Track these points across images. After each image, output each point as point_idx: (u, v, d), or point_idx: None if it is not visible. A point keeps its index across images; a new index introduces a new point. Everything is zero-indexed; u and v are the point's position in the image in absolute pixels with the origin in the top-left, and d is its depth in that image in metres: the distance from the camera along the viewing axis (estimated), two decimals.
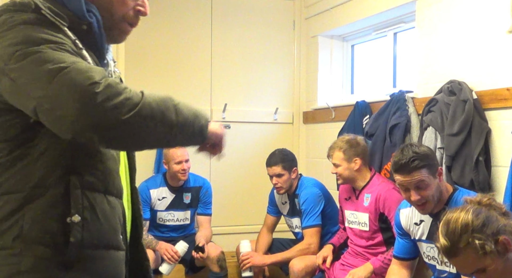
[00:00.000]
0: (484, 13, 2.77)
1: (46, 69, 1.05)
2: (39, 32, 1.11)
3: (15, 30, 1.11)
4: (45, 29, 1.12)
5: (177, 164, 3.55)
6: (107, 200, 1.22)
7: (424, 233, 2.45)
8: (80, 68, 1.06)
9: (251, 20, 4.36)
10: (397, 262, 2.61)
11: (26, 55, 1.07)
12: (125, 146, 1.19)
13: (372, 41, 4.09)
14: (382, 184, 2.98)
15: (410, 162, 2.26)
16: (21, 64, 1.07)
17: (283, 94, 4.48)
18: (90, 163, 1.18)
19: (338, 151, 3.03)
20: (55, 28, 1.15)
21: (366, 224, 2.99)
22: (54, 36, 1.13)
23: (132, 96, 1.08)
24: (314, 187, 3.41)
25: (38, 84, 1.05)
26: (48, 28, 1.14)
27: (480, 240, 1.59)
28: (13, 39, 1.10)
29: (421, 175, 2.26)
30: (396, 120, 3.14)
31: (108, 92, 1.05)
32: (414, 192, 2.28)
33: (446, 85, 2.85)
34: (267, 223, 3.69)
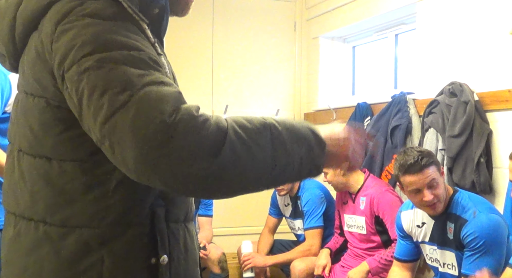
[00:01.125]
0: (485, 14, 2.77)
1: (108, 98, 0.82)
2: (113, 31, 0.87)
3: (83, 24, 0.87)
4: (122, 28, 0.89)
5: None
6: (187, 229, 1.02)
7: (426, 235, 2.44)
8: (149, 99, 0.81)
9: (252, 21, 4.37)
10: (398, 264, 2.61)
11: (89, 67, 0.84)
12: (208, 197, 0.99)
13: (373, 43, 4.09)
14: (375, 186, 2.97)
15: (419, 160, 2.23)
16: (79, 79, 0.84)
17: (284, 96, 4.48)
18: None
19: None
20: (133, 25, 0.92)
21: (364, 227, 2.99)
22: (132, 39, 0.88)
23: (211, 134, 0.82)
24: (316, 188, 3.41)
25: (96, 116, 0.83)
26: (126, 25, 0.90)
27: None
28: (78, 37, 0.86)
29: (431, 172, 2.24)
30: (397, 122, 3.14)
31: (180, 133, 0.80)
32: (427, 191, 2.24)
33: (447, 86, 2.85)
34: (269, 224, 3.69)
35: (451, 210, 2.32)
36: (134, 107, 0.81)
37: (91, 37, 0.86)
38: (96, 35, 0.86)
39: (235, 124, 0.85)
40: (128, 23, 0.91)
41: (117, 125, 0.81)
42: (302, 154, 0.90)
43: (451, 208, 2.32)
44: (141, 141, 0.80)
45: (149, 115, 0.80)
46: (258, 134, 0.86)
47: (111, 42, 0.86)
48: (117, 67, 0.84)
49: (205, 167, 0.81)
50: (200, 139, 0.81)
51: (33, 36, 0.94)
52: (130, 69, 0.84)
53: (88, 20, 0.87)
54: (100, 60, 0.84)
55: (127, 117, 0.80)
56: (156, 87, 0.83)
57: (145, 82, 0.83)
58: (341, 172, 2.97)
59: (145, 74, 0.84)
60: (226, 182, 0.84)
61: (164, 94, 0.83)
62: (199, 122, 0.82)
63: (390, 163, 3.15)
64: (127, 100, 0.81)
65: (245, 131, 0.85)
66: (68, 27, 0.87)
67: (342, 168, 1.00)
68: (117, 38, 0.87)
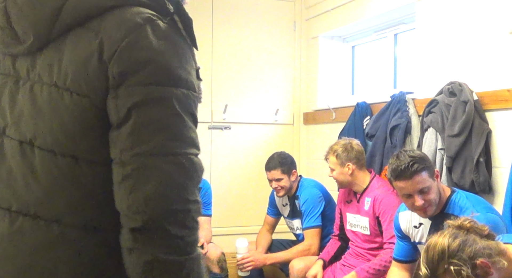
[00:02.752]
0: (485, 14, 2.77)
1: (159, 139, 0.87)
2: (183, 64, 0.91)
3: (158, 45, 0.89)
4: (190, 60, 0.92)
5: None
6: None
7: (423, 236, 2.44)
8: (183, 172, 0.88)
9: (251, 21, 4.37)
10: (397, 265, 2.61)
11: (155, 98, 0.87)
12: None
13: (372, 42, 4.09)
14: (380, 187, 2.97)
15: (409, 166, 2.22)
16: (139, 103, 0.87)
17: (284, 95, 4.48)
18: None
19: (332, 155, 3.03)
20: (189, 50, 0.94)
21: (367, 228, 2.98)
22: (191, 74, 0.92)
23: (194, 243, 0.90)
24: (314, 188, 3.41)
25: (136, 143, 0.87)
26: (189, 54, 0.93)
27: (456, 266, 1.57)
28: (151, 58, 0.88)
29: (422, 178, 2.24)
30: (397, 121, 3.14)
31: (180, 223, 0.87)
32: (418, 197, 2.24)
33: (446, 86, 2.85)
34: (267, 223, 3.69)
35: (448, 210, 2.32)
36: (178, 167, 0.87)
37: (165, 66, 0.88)
38: (169, 66, 0.89)
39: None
40: (188, 48, 0.94)
41: (150, 169, 0.87)
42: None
43: (448, 209, 2.32)
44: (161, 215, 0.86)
45: (178, 196, 0.87)
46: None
47: (181, 79, 0.89)
48: (173, 121, 0.88)
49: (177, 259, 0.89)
50: (194, 236, 0.90)
51: (79, 32, 0.91)
52: (184, 125, 0.89)
53: (162, 42, 0.89)
54: (166, 97, 0.88)
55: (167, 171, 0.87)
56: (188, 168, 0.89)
57: (189, 147, 0.90)
58: (348, 171, 2.98)
59: (191, 138, 0.90)
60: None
61: (193, 174, 0.90)
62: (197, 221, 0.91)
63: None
64: (175, 153, 0.87)
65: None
66: (139, 41, 0.88)
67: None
68: (185, 75, 0.90)
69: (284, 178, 3.38)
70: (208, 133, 4.24)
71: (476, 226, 1.68)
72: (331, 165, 3.05)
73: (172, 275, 0.88)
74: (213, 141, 4.26)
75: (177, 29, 0.93)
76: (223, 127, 4.28)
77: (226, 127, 4.29)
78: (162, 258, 0.86)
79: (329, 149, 3.08)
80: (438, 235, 1.67)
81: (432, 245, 1.64)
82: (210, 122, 4.24)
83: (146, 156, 0.86)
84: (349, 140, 3.10)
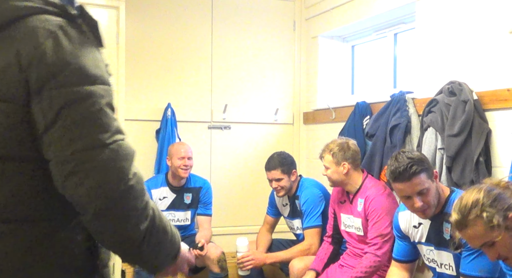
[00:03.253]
0: (485, 13, 2.77)
1: (89, 135, 0.98)
2: (95, 62, 1.03)
3: (71, 49, 1.00)
4: (100, 58, 1.05)
5: (180, 159, 3.57)
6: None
7: (423, 236, 2.44)
8: (118, 155, 1.00)
9: (251, 20, 4.37)
10: (396, 264, 2.61)
11: (76, 99, 0.97)
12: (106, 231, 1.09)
13: (372, 42, 4.09)
14: (372, 188, 2.96)
15: (408, 168, 2.22)
16: (62, 104, 0.97)
17: (284, 95, 4.48)
18: None
19: (328, 153, 3.02)
20: (97, 49, 1.06)
21: (361, 229, 2.98)
22: (103, 70, 1.04)
23: (141, 203, 1.04)
24: (314, 187, 3.40)
25: (71, 142, 0.97)
26: (96, 51, 1.05)
27: (488, 213, 1.64)
28: (66, 63, 0.98)
29: (421, 180, 2.24)
30: (397, 121, 3.13)
31: (126, 200, 1.01)
32: (417, 198, 2.25)
33: (446, 86, 2.85)
34: (267, 223, 3.69)
35: (448, 210, 2.31)
36: (109, 153, 0.99)
37: (81, 67, 0.99)
38: (83, 66, 0.99)
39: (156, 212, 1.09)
40: (97, 50, 1.05)
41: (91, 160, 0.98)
42: (169, 252, 1.16)
43: (447, 208, 2.31)
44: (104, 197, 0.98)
45: (117, 176, 0.99)
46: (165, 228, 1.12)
47: (96, 77, 1.01)
48: (101, 109, 1.00)
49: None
50: (142, 204, 1.04)
51: None
52: (106, 115, 1.00)
53: (74, 45, 0.99)
54: (88, 94, 0.98)
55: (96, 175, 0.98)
56: (122, 147, 1.02)
57: (114, 132, 1.01)
58: (343, 170, 2.97)
59: (114, 120, 1.02)
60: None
61: (129, 152, 1.03)
62: (143, 187, 1.06)
63: None
64: (98, 153, 0.98)
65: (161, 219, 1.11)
66: (53, 47, 0.97)
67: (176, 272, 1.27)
68: (99, 72, 1.02)
69: (284, 178, 3.38)
70: (208, 133, 4.24)
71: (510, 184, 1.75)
72: (326, 163, 3.03)
73: (138, 241, 1.04)
74: (213, 141, 4.26)
75: (83, 31, 1.02)
76: (223, 127, 4.28)
77: (226, 127, 4.29)
78: (124, 230, 1.02)
79: (325, 147, 3.06)
80: (473, 187, 1.75)
81: (467, 194, 1.72)
82: (210, 122, 4.24)
83: (81, 152, 0.97)
84: (346, 139, 3.09)
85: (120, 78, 3.54)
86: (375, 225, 2.84)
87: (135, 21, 3.99)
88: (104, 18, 3.53)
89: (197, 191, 3.75)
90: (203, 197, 3.76)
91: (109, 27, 3.53)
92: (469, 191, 1.74)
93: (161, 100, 4.05)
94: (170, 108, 4.00)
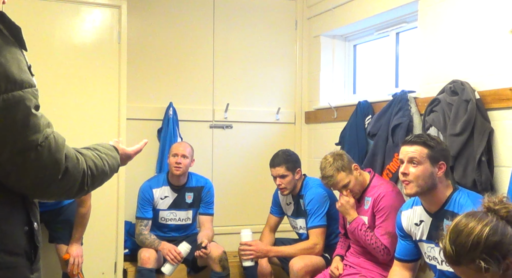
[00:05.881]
0: (487, 12, 2.76)
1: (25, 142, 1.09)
2: (18, 65, 1.10)
3: None
4: (19, 55, 1.11)
5: (173, 156, 3.59)
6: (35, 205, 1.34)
7: (424, 233, 2.45)
8: (51, 150, 1.12)
9: (253, 20, 4.37)
10: (398, 264, 2.61)
11: (3, 108, 1.05)
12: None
13: (374, 41, 4.08)
14: (381, 185, 2.97)
15: (419, 137, 2.37)
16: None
17: (285, 94, 4.48)
18: None
19: (337, 171, 2.96)
20: (20, 52, 1.13)
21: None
22: (27, 73, 1.12)
23: (78, 174, 1.20)
24: (319, 187, 3.39)
25: (13, 144, 1.08)
26: (19, 54, 1.12)
27: (486, 262, 1.52)
28: None
29: (420, 151, 2.33)
30: (398, 120, 3.13)
31: (66, 180, 1.17)
32: (407, 164, 2.36)
33: (448, 85, 2.85)
34: (270, 223, 3.69)
35: (449, 207, 2.33)
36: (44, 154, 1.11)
37: (8, 74, 1.06)
38: (11, 73, 1.06)
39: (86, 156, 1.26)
40: (20, 53, 1.13)
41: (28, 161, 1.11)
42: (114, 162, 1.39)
43: (448, 206, 2.33)
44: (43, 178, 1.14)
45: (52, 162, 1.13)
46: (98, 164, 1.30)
47: (23, 81, 1.08)
48: (31, 112, 1.09)
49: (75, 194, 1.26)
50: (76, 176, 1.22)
51: None
52: (37, 113, 1.11)
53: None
54: (18, 100, 1.06)
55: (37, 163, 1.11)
56: (51, 139, 1.14)
57: (45, 126, 1.13)
58: (358, 173, 2.98)
59: (43, 117, 1.14)
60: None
61: (60, 142, 1.16)
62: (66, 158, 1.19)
63: (391, 161, 3.15)
64: (39, 144, 1.10)
65: (93, 162, 1.28)
66: None
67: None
68: (25, 77, 1.09)
69: (289, 175, 3.38)
70: (210, 132, 4.24)
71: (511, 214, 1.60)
72: (343, 182, 2.97)
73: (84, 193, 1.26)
74: (215, 140, 4.26)
75: (5, 36, 1.09)
76: (225, 126, 4.28)
77: (227, 126, 4.29)
78: (70, 195, 1.23)
79: (328, 171, 2.98)
80: (477, 219, 1.57)
81: (467, 230, 1.55)
82: (212, 121, 4.24)
83: (17, 155, 1.07)
84: (326, 155, 3.05)
85: (121, 78, 3.54)
86: (383, 223, 2.85)
87: (137, 20, 3.99)
88: (106, 17, 3.53)
89: (198, 190, 3.75)
90: (205, 196, 3.76)
91: (111, 26, 3.53)
92: (471, 223, 1.57)
93: (163, 99, 4.05)
94: (172, 108, 4.00)
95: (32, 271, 1.20)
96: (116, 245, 3.56)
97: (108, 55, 3.51)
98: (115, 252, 3.56)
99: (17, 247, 1.15)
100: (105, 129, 3.48)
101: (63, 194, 1.21)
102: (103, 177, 1.31)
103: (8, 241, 1.13)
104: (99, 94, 3.49)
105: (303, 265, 3.18)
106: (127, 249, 3.68)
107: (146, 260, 3.42)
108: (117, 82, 3.52)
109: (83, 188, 1.23)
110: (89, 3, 3.48)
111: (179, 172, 3.60)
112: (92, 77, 3.47)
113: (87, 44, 3.48)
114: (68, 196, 1.23)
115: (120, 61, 3.54)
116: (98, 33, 3.51)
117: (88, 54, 3.47)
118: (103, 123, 3.49)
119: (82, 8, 3.46)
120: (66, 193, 1.21)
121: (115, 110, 3.52)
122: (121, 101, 3.53)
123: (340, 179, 2.97)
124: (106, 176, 1.33)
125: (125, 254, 3.64)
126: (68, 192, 1.21)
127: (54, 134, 1.14)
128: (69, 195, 1.23)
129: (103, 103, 3.48)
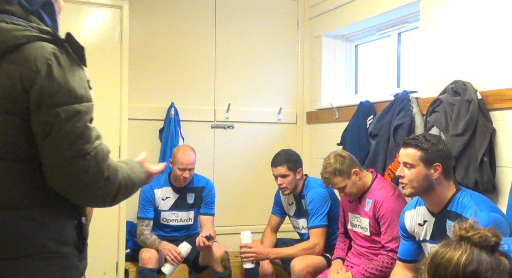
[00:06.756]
0: (488, 13, 2.76)
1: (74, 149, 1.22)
2: (82, 83, 1.30)
3: (63, 74, 1.25)
4: (81, 72, 1.32)
5: (180, 170, 3.56)
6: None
7: (427, 233, 2.44)
8: (97, 159, 1.25)
9: (255, 20, 4.37)
10: (401, 264, 2.60)
11: (67, 116, 1.21)
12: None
13: (376, 41, 4.08)
14: (382, 189, 2.96)
15: (414, 139, 2.37)
16: (55, 121, 1.20)
17: (287, 95, 4.48)
18: None
19: (334, 176, 2.97)
20: (81, 68, 1.33)
21: (367, 229, 2.98)
22: (87, 88, 1.30)
23: (115, 184, 1.31)
24: (320, 187, 3.38)
25: (66, 150, 1.22)
26: (81, 71, 1.32)
27: None
28: (60, 85, 1.23)
29: (411, 154, 2.33)
30: (400, 120, 3.13)
31: (105, 188, 1.28)
32: (401, 168, 2.38)
33: (450, 85, 2.84)
34: (271, 223, 3.68)
35: (452, 208, 2.32)
36: (87, 164, 1.24)
37: (70, 89, 1.23)
38: (73, 88, 1.24)
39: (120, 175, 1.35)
40: (81, 69, 1.33)
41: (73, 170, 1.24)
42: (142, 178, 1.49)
43: (451, 206, 2.32)
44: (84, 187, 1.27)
45: (95, 172, 1.25)
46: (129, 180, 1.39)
47: (82, 96, 1.26)
48: (86, 124, 1.25)
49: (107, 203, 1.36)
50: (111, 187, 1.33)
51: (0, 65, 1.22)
52: (90, 126, 1.26)
53: (64, 70, 1.24)
54: (76, 112, 1.23)
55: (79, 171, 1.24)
56: (100, 151, 1.27)
57: (94, 139, 1.26)
58: (357, 177, 2.97)
59: (95, 129, 1.28)
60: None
61: (105, 154, 1.29)
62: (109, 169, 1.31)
63: (392, 161, 3.14)
64: (88, 152, 1.24)
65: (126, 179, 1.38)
66: (49, 72, 1.21)
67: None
68: (84, 92, 1.27)
69: (290, 175, 3.38)
70: (211, 132, 4.24)
71: (485, 237, 1.57)
72: (339, 185, 2.99)
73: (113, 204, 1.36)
74: (216, 140, 4.26)
75: (69, 53, 1.27)
76: (226, 126, 4.28)
77: (229, 127, 4.29)
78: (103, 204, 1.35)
79: (325, 173, 2.99)
80: (452, 249, 1.57)
81: (445, 261, 1.55)
82: (213, 121, 4.25)
83: (69, 160, 1.21)
84: (330, 154, 3.05)
85: (123, 78, 3.54)
86: (389, 229, 2.84)
87: (139, 20, 3.99)
88: (107, 18, 3.53)
89: (199, 190, 3.75)
90: (206, 197, 3.76)
91: (113, 26, 3.53)
92: (447, 254, 1.55)
93: (164, 99, 4.05)
94: (174, 108, 4.00)
95: (81, 259, 1.39)
96: (118, 245, 3.56)
97: (110, 56, 3.51)
98: (116, 252, 3.56)
99: (69, 239, 1.32)
100: (107, 129, 3.48)
101: (99, 202, 1.32)
102: (132, 189, 1.41)
103: (63, 233, 1.30)
104: (100, 95, 3.47)
105: (304, 265, 3.18)
106: (128, 249, 3.69)
107: (148, 260, 3.42)
108: (118, 82, 3.53)
109: (116, 197, 1.33)
110: (91, 3, 3.49)
111: (187, 182, 3.63)
112: (93, 78, 3.41)
113: (89, 44, 3.47)
114: (102, 203, 1.33)
115: (122, 61, 3.54)
116: (100, 33, 3.51)
117: (90, 54, 3.37)
118: (105, 123, 3.49)
119: (83, 8, 3.46)
120: (102, 200, 1.31)
121: (117, 110, 3.52)
122: (122, 102, 3.54)
123: (335, 182, 2.99)
124: (135, 188, 1.42)
125: (127, 254, 3.64)
126: (103, 200, 1.31)
127: (102, 145, 1.27)
128: (103, 203, 1.33)
129: (105, 103, 3.48)
